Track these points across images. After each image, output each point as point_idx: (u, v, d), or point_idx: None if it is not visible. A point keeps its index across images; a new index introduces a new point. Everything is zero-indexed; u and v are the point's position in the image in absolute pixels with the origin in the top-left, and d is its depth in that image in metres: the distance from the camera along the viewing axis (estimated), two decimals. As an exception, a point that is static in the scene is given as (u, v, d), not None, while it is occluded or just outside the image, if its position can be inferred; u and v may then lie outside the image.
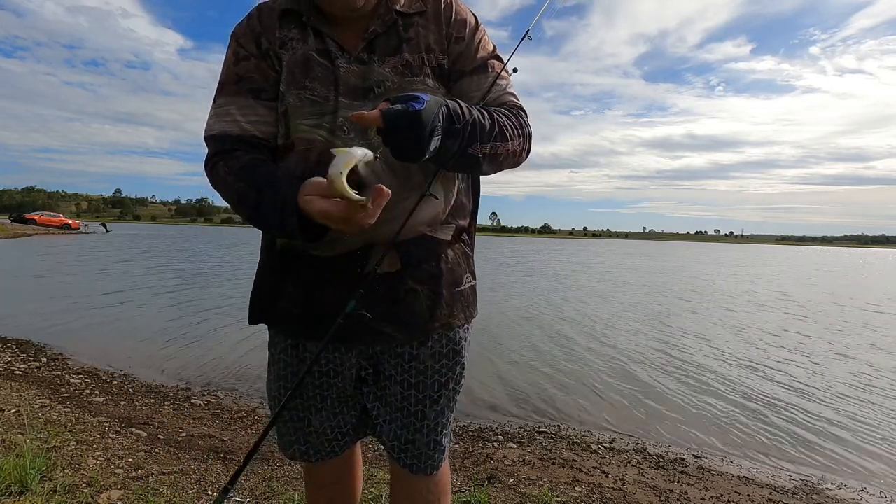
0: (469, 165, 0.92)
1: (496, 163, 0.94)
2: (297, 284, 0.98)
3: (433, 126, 0.78)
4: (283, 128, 0.94)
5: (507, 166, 0.99)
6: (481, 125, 0.88)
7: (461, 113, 0.85)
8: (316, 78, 0.92)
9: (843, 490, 2.93)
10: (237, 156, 0.91)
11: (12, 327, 5.86)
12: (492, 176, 1.01)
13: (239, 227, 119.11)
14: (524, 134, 0.98)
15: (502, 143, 0.92)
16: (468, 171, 1.00)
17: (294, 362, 1.03)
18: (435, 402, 1.03)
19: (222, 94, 0.95)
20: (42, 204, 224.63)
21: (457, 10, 1.01)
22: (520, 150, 0.98)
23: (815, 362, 6.00)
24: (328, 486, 1.18)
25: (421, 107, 0.76)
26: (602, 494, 2.46)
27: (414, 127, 0.75)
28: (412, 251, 0.95)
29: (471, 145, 0.87)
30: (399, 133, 0.76)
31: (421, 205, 0.92)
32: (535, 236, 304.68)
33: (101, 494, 1.95)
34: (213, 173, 0.93)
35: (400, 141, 0.77)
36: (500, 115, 0.94)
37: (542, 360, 5.58)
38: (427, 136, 0.77)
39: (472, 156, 0.88)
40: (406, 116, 0.75)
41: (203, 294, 9.53)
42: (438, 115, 0.79)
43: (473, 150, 0.88)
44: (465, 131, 0.85)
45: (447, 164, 0.88)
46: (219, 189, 0.93)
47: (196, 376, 4.54)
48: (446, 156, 0.84)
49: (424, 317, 0.97)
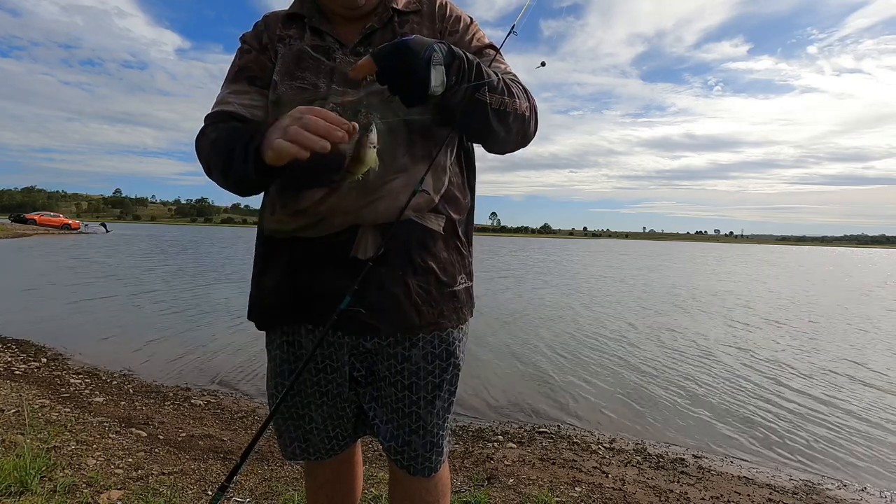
0: (478, 116, 0.89)
1: (505, 120, 0.91)
2: (282, 267, 0.98)
3: (428, 54, 0.78)
4: (275, 114, 0.96)
5: (515, 134, 0.96)
6: (487, 72, 0.88)
7: (463, 53, 0.85)
8: (307, 69, 0.96)
9: (843, 490, 2.93)
10: (223, 125, 0.97)
11: (12, 327, 5.86)
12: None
13: (239, 227, 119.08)
14: (530, 99, 0.98)
15: (510, 98, 0.91)
16: (476, 127, 0.94)
17: (289, 359, 1.03)
18: (429, 404, 1.02)
19: (224, 85, 1.04)
20: (42, 204, 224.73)
21: (451, 9, 1.06)
22: (528, 114, 0.96)
23: (815, 362, 5.99)
24: (328, 486, 1.18)
25: (409, 38, 0.78)
26: (602, 494, 2.46)
27: (406, 55, 0.77)
28: (397, 235, 0.93)
29: (478, 89, 0.86)
30: (394, 68, 0.77)
31: (404, 188, 0.92)
32: (535, 236, 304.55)
33: (101, 494, 1.95)
34: (199, 136, 0.98)
35: (397, 75, 0.78)
36: (505, 77, 0.94)
37: (541, 360, 5.58)
38: (424, 65, 0.77)
39: (480, 102, 0.87)
40: (394, 48, 0.78)
41: (203, 294, 9.52)
42: (434, 46, 0.80)
43: (482, 96, 0.86)
44: (470, 69, 0.84)
45: (456, 107, 0.87)
46: (198, 145, 0.98)
47: (196, 376, 4.54)
48: (454, 95, 0.84)
49: (410, 312, 0.96)
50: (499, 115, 0.90)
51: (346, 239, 0.93)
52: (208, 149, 0.94)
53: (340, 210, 0.92)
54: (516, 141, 0.99)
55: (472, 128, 0.95)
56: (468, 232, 1.08)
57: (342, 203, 0.91)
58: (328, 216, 0.92)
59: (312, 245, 0.95)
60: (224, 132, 0.93)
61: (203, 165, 0.97)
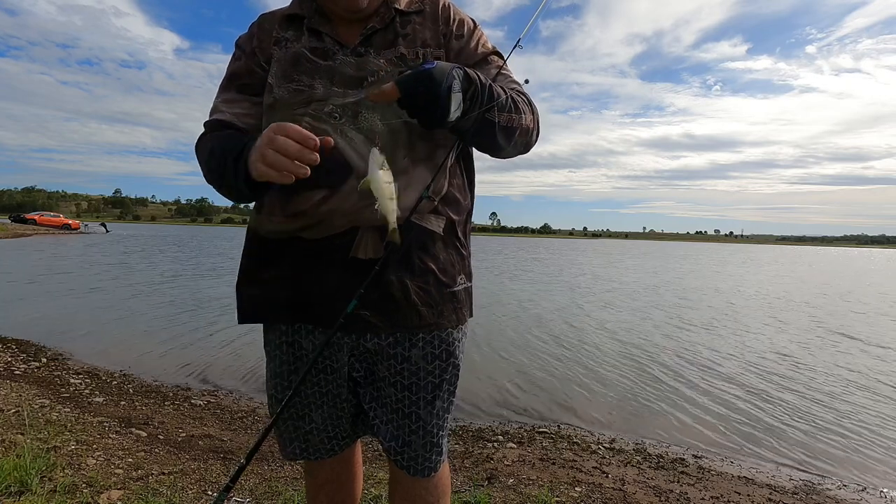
0: (485, 135, 0.93)
1: (510, 136, 0.96)
2: (283, 268, 0.99)
3: (449, 82, 0.80)
4: (271, 118, 0.95)
5: (518, 146, 1.01)
6: (497, 92, 0.91)
7: (476, 76, 0.88)
8: (303, 71, 0.96)
9: (843, 490, 2.92)
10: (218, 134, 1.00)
11: (12, 327, 5.86)
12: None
13: (239, 227, 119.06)
14: (534, 112, 1.01)
15: (517, 115, 0.95)
16: (483, 142, 0.98)
17: (289, 360, 1.03)
18: (429, 404, 1.02)
19: (218, 91, 1.05)
20: (42, 204, 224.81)
21: (454, 12, 1.06)
22: (531, 127, 1.00)
23: (816, 363, 5.99)
24: (328, 485, 1.18)
25: (431, 66, 0.79)
26: (602, 494, 2.46)
27: (429, 85, 0.78)
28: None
29: (489, 110, 0.89)
30: (417, 95, 0.79)
31: (407, 190, 0.93)
32: (535, 236, 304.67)
33: (101, 494, 1.95)
34: (197, 143, 1.02)
35: (419, 102, 0.80)
36: (511, 92, 0.96)
37: (541, 360, 5.58)
38: (445, 93, 0.79)
39: (489, 122, 0.90)
40: (418, 76, 0.79)
41: (203, 293, 9.52)
42: (453, 73, 0.81)
43: (491, 116, 0.90)
44: (482, 92, 0.87)
45: (469, 130, 0.90)
46: (197, 153, 1.00)
47: (196, 376, 4.54)
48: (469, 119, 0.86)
49: (410, 313, 0.96)
50: (505, 132, 0.94)
51: (346, 240, 0.93)
52: (206, 159, 0.98)
53: (341, 212, 0.92)
54: (519, 151, 1.04)
55: (481, 143, 0.99)
56: (467, 232, 1.09)
57: (343, 205, 0.92)
58: (328, 218, 0.92)
59: (312, 246, 0.95)
60: (218, 144, 0.96)
61: (203, 173, 1.00)
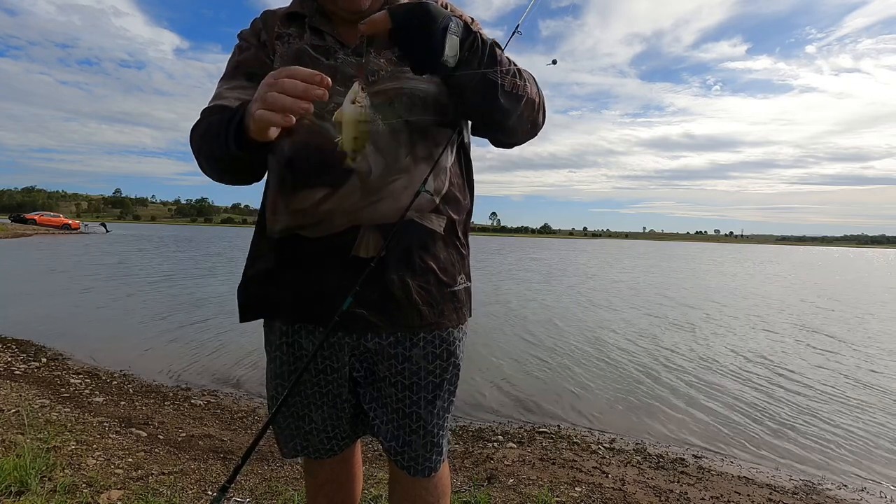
0: (489, 97, 0.86)
1: (517, 104, 0.89)
2: (284, 267, 0.98)
3: (445, 23, 0.76)
4: None
5: (525, 120, 0.94)
6: (499, 54, 0.87)
7: (478, 32, 0.84)
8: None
9: (843, 490, 2.93)
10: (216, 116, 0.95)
11: (12, 327, 5.86)
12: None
13: (240, 227, 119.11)
14: (538, 88, 0.96)
15: (522, 81, 0.89)
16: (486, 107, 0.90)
17: (289, 360, 1.03)
18: (430, 404, 1.02)
19: (220, 81, 1.02)
20: (42, 204, 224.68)
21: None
22: (537, 101, 0.94)
23: (816, 363, 5.99)
24: (328, 485, 1.17)
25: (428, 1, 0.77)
26: (602, 494, 2.46)
27: (423, 18, 0.75)
28: (397, 236, 0.93)
29: (491, 67, 0.83)
30: (409, 27, 0.75)
31: (406, 189, 0.92)
32: (536, 236, 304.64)
33: (101, 494, 1.95)
34: (192, 128, 0.97)
35: (412, 35, 0.76)
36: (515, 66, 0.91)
37: (541, 360, 5.58)
38: (440, 32, 0.76)
39: (491, 83, 0.85)
40: (413, 8, 0.75)
41: (203, 293, 9.52)
42: (451, 17, 0.78)
43: (494, 76, 0.84)
44: (483, 48, 0.82)
45: (467, 85, 0.85)
46: (191, 136, 0.96)
47: (196, 376, 4.54)
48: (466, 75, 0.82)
49: (411, 312, 0.96)
50: (510, 97, 0.88)
51: (347, 239, 0.93)
52: (199, 137, 0.94)
53: (341, 210, 0.92)
54: (526, 129, 0.97)
55: (483, 110, 0.91)
56: (467, 232, 1.09)
57: (343, 203, 0.91)
58: (329, 216, 0.92)
59: (313, 244, 0.95)
60: (216, 118, 0.91)
61: (194, 154, 0.95)
